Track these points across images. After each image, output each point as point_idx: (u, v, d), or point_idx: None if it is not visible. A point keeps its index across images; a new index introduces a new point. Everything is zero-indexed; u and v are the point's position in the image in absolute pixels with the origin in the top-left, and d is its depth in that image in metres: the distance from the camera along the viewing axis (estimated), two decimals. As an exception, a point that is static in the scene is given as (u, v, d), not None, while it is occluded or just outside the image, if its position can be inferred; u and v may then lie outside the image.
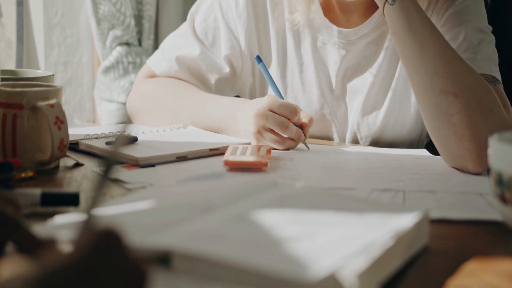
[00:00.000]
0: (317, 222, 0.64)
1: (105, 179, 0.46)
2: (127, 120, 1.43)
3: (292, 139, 1.05)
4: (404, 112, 1.19)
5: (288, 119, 1.04)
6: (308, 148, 1.07)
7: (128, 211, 0.68)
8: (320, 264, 0.53)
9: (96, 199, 0.46)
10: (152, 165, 0.95)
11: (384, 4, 1.03)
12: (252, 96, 1.26)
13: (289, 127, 1.03)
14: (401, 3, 1.01)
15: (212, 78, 1.25)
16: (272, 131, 1.04)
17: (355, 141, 1.21)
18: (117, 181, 0.87)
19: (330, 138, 1.23)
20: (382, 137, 1.20)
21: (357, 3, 1.16)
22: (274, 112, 1.03)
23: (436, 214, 0.76)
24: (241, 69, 1.25)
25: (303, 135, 1.06)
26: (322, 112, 1.21)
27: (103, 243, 0.43)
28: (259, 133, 1.04)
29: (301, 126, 1.06)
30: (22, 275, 0.39)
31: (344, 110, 1.21)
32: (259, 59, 1.14)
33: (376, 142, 1.20)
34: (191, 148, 1.01)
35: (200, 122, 1.16)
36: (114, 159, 0.47)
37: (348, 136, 1.22)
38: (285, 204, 0.69)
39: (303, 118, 1.07)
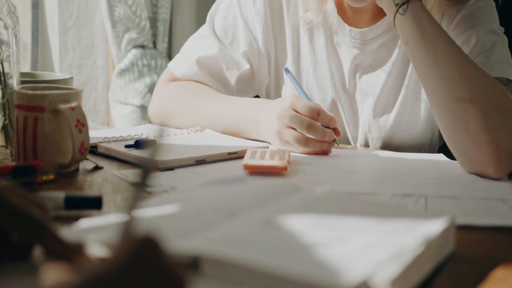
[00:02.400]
0: (344, 228, 0.64)
1: (143, 187, 0.46)
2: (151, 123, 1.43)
3: (318, 140, 1.03)
4: (415, 114, 1.19)
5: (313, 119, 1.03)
6: (338, 144, 1.06)
7: (153, 215, 0.67)
8: (352, 271, 0.53)
9: (134, 207, 0.46)
10: (171, 169, 0.95)
11: (395, 15, 1.02)
12: (267, 96, 1.26)
13: (312, 127, 1.02)
14: (412, 13, 1.01)
15: (233, 76, 1.25)
16: (294, 129, 1.04)
17: (366, 142, 1.21)
18: (138, 184, 0.86)
19: (342, 137, 1.23)
20: (393, 139, 1.20)
21: (366, 7, 1.16)
22: (297, 112, 1.03)
23: (461, 220, 0.76)
24: (258, 67, 1.25)
25: (333, 134, 1.04)
26: (335, 111, 1.21)
27: (143, 251, 0.43)
28: (280, 132, 1.04)
29: (334, 130, 1.05)
30: (64, 282, 0.39)
31: (356, 110, 1.21)
32: (287, 70, 1.15)
33: (387, 144, 1.20)
34: (209, 151, 1.01)
35: (221, 123, 1.16)
36: (151, 165, 0.47)
37: (360, 137, 1.21)
38: (310, 209, 0.69)
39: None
